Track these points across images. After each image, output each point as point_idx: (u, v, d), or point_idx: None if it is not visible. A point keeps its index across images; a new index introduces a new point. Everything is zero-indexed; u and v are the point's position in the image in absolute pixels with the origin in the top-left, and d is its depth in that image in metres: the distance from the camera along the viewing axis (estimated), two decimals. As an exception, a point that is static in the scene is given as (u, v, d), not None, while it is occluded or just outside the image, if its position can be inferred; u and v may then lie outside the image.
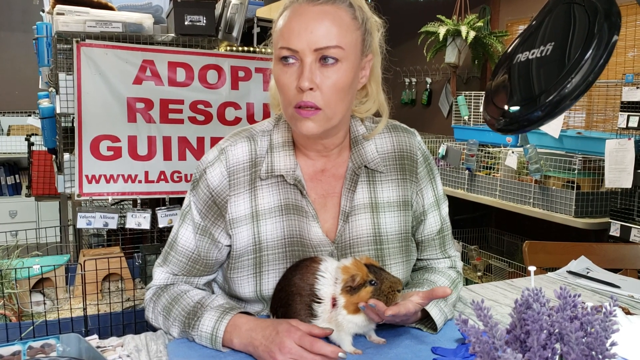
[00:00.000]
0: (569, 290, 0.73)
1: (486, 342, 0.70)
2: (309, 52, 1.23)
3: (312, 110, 1.25)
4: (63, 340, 1.15)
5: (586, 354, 0.67)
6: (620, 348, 1.23)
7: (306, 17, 1.24)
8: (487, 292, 1.77)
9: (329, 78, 1.25)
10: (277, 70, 1.29)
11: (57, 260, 2.73)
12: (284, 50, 1.25)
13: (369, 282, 1.23)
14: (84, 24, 2.80)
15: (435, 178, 1.51)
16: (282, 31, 1.27)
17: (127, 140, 2.92)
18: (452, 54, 5.11)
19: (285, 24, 1.27)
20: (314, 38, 1.23)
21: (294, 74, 1.25)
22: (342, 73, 1.26)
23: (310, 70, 1.23)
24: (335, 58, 1.24)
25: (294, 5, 1.28)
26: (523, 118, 0.96)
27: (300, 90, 1.24)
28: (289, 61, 1.26)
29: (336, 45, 1.24)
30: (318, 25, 1.23)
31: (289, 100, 1.27)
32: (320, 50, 1.23)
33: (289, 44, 1.24)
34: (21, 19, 6.59)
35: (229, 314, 1.27)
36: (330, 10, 1.25)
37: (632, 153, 3.10)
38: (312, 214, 1.38)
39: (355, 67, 1.30)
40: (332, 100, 1.26)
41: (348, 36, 1.26)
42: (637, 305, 1.67)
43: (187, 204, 1.43)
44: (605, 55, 0.88)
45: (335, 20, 1.25)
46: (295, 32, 1.24)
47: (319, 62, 1.25)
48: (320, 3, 1.26)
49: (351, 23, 1.28)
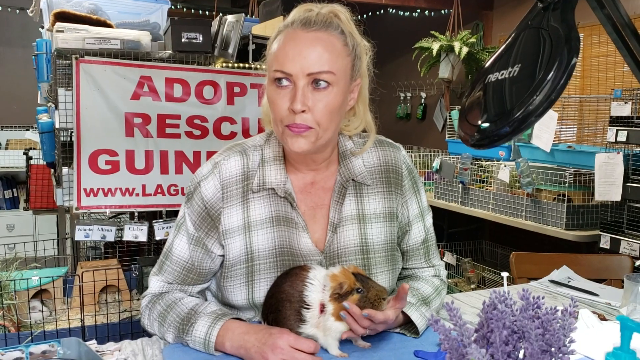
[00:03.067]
0: (531, 292, 0.80)
1: (455, 339, 0.76)
2: (302, 76, 1.30)
3: (303, 128, 1.31)
4: (63, 344, 1.21)
5: (545, 349, 0.73)
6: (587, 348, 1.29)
7: (300, 43, 1.31)
8: (471, 300, 1.83)
9: (321, 101, 1.31)
10: (271, 91, 1.35)
11: (55, 272, 2.77)
12: (278, 73, 1.32)
13: (355, 290, 1.30)
14: (83, 41, 2.86)
15: (419, 190, 1.57)
16: (277, 55, 1.33)
17: (124, 154, 2.97)
18: (445, 69, 5.20)
19: (280, 48, 1.33)
20: (307, 63, 1.29)
21: (287, 96, 1.31)
22: (333, 96, 1.32)
23: (303, 93, 1.30)
24: (327, 82, 1.31)
25: (289, 30, 1.35)
26: (493, 134, 1.03)
27: (293, 112, 1.30)
28: (283, 83, 1.32)
29: (328, 70, 1.30)
30: (311, 51, 1.30)
31: (281, 119, 1.33)
32: (313, 75, 1.30)
33: (283, 67, 1.30)
34: (20, 34, 6.67)
35: (222, 319, 1.33)
36: (323, 37, 1.32)
37: (621, 167, 3.16)
38: (302, 225, 1.44)
39: (345, 91, 1.37)
40: (322, 121, 1.33)
41: (339, 62, 1.33)
42: (613, 312, 1.73)
43: (182, 215, 1.49)
44: (566, 76, 0.95)
45: (328, 47, 1.32)
46: (290, 57, 1.30)
47: (311, 86, 1.31)
48: (313, 30, 1.32)
49: (342, 49, 1.35)
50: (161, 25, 3.39)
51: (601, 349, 1.19)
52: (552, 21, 1.05)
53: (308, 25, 1.33)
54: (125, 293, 2.84)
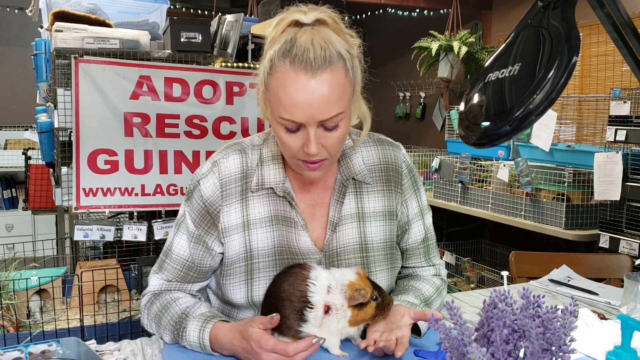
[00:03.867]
0: (531, 290, 0.79)
1: (455, 338, 0.76)
2: (313, 123, 1.26)
3: (319, 163, 1.32)
4: (63, 344, 1.20)
5: (545, 348, 0.73)
6: (588, 346, 1.29)
7: (306, 91, 1.24)
8: (471, 299, 1.83)
9: (333, 138, 1.30)
10: (280, 132, 1.31)
11: (54, 272, 2.77)
12: (287, 122, 1.27)
13: (372, 298, 1.30)
14: (82, 41, 2.86)
15: (419, 189, 1.57)
16: (282, 102, 1.26)
17: (124, 154, 2.97)
18: (444, 69, 5.20)
19: (284, 94, 1.26)
20: (317, 112, 1.25)
21: (298, 139, 1.29)
22: (343, 128, 1.31)
23: (316, 137, 1.27)
24: (338, 120, 1.29)
25: (289, 72, 1.25)
26: (493, 133, 1.03)
27: (306, 153, 1.29)
28: (293, 129, 1.29)
29: (338, 113, 1.27)
30: (319, 99, 1.24)
31: (294, 155, 1.32)
32: (324, 122, 1.27)
33: (293, 117, 1.26)
34: (19, 34, 6.67)
35: (210, 322, 1.35)
36: (327, 79, 1.25)
37: (620, 166, 3.16)
38: (301, 224, 1.44)
39: (351, 113, 1.35)
40: (335, 151, 1.33)
41: (346, 96, 1.29)
42: (613, 311, 1.73)
43: (182, 214, 1.49)
44: (566, 75, 0.95)
45: (334, 88, 1.25)
46: (298, 107, 1.25)
47: (322, 127, 1.28)
48: (318, 74, 1.24)
49: (345, 81, 1.29)
50: (160, 25, 3.38)
51: (601, 348, 1.19)
52: (552, 20, 1.05)
53: (310, 69, 1.23)
54: (125, 293, 2.84)
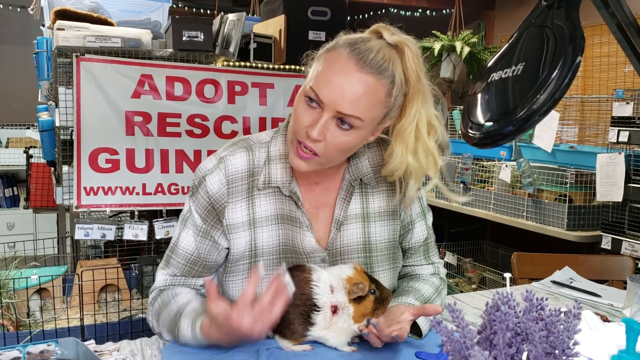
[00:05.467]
0: (534, 293, 0.78)
1: (457, 341, 0.75)
2: (332, 110, 1.26)
3: (310, 154, 1.30)
4: (61, 344, 1.20)
5: (549, 351, 0.72)
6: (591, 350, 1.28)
7: (346, 78, 1.25)
8: (473, 301, 1.82)
9: (338, 138, 1.29)
10: (299, 102, 1.32)
11: (54, 271, 2.77)
12: (312, 93, 1.28)
13: (370, 292, 1.30)
14: (83, 39, 2.85)
15: (420, 190, 1.56)
16: (321, 74, 1.28)
17: (125, 152, 2.97)
18: (447, 69, 5.19)
19: (327, 69, 1.27)
20: (343, 101, 1.25)
21: (311, 117, 1.29)
22: (351, 138, 1.31)
23: (325, 124, 1.27)
24: (352, 125, 1.28)
25: (344, 55, 1.27)
26: (497, 133, 1.02)
27: (307, 135, 1.29)
28: (313, 104, 1.29)
29: (358, 116, 1.27)
30: (353, 91, 1.25)
31: (296, 132, 1.32)
32: (342, 114, 1.27)
33: (319, 92, 1.26)
34: (21, 32, 6.66)
35: (199, 318, 1.33)
36: (370, 82, 1.26)
37: (623, 167, 3.15)
38: (306, 224, 1.43)
39: (366, 135, 1.34)
40: (331, 154, 1.32)
41: (373, 111, 1.29)
42: (615, 313, 1.72)
43: (187, 209, 1.47)
44: (570, 75, 0.94)
45: (370, 94, 1.26)
46: (331, 86, 1.26)
47: (336, 120, 1.28)
48: (365, 71, 1.25)
49: (383, 100, 1.29)
50: (162, 24, 3.38)
51: (605, 351, 1.18)
52: (557, 19, 1.04)
53: (363, 63, 1.25)
54: (125, 292, 2.83)
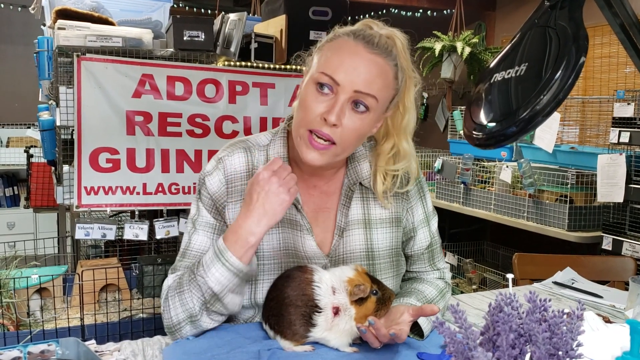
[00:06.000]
0: (538, 294, 0.78)
1: (460, 342, 0.75)
2: (349, 90, 1.27)
3: (326, 144, 1.29)
4: (62, 344, 1.19)
5: (552, 353, 0.72)
6: (593, 351, 1.28)
7: (359, 58, 1.28)
8: (474, 302, 1.81)
9: (354, 122, 1.29)
10: (309, 92, 1.31)
11: (55, 270, 2.77)
12: (325, 77, 1.28)
13: (371, 292, 1.29)
14: (84, 39, 2.85)
15: (425, 196, 1.56)
16: (331, 59, 1.29)
17: (125, 152, 2.96)
18: (448, 70, 5.18)
19: (336, 54, 1.30)
20: (359, 80, 1.27)
21: (324, 103, 1.28)
22: (367, 121, 1.31)
23: (341, 107, 1.27)
24: (367, 107, 1.29)
25: (349, 40, 1.31)
26: (500, 133, 1.02)
27: (324, 121, 1.28)
28: (324, 90, 1.29)
29: (374, 95, 1.28)
30: (367, 70, 1.28)
31: (309, 122, 1.30)
32: (359, 94, 1.27)
33: (334, 74, 1.27)
34: (22, 32, 6.65)
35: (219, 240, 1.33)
36: (380, 62, 1.29)
37: (624, 168, 3.14)
38: (306, 227, 1.43)
39: (377, 120, 1.35)
40: (348, 141, 1.31)
41: (385, 91, 1.31)
42: (617, 315, 1.72)
43: (195, 212, 1.46)
44: (574, 76, 0.94)
45: (382, 73, 1.30)
46: (345, 67, 1.27)
47: (351, 104, 1.29)
48: (375, 52, 1.29)
49: (392, 82, 1.33)
50: (163, 23, 3.38)
51: (607, 352, 1.18)
52: (560, 20, 1.04)
53: (371, 45, 1.30)
54: (126, 292, 2.83)
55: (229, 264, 1.28)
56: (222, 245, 1.30)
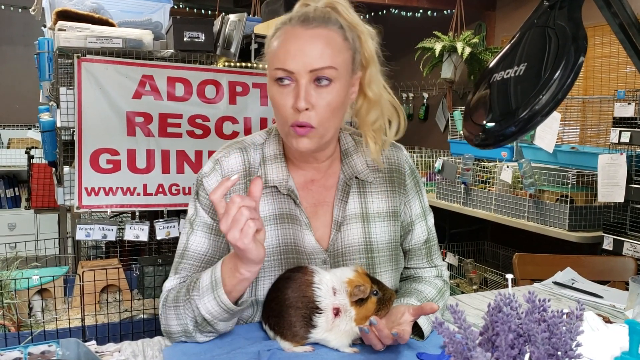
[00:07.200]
0: (537, 294, 0.78)
1: (459, 342, 0.75)
2: (305, 73, 1.28)
3: (307, 128, 1.30)
4: (62, 345, 1.20)
5: (551, 353, 0.72)
6: (593, 351, 1.28)
7: (301, 40, 1.30)
8: (474, 302, 1.82)
9: (324, 98, 1.30)
10: (273, 91, 1.33)
11: (56, 271, 2.77)
12: (279, 72, 1.30)
13: (372, 293, 1.29)
14: (85, 40, 2.86)
15: (421, 190, 1.57)
16: (278, 53, 1.31)
17: (126, 153, 2.97)
18: (448, 70, 5.18)
19: (281, 45, 1.31)
20: (309, 60, 1.28)
21: (290, 94, 1.30)
22: (336, 93, 1.31)
23: (306, 91, 1.29)
24: (329, 79, 1.30)
25: (287, 27, 1.33)
26: (499, 133, 1.02)
27: (297, 110, 1.29)
28: (285, 82, 1.30)
29: (330, 65, 1.29)
30: (313, 48, 1.29)
31: (285, 119, 1.32)
32: (315, 72, 1.28)
33: (285, 65, 1.29)
34: (22, 33, 6.66)
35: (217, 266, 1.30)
36: (323, 33, 1.31)
37: (624, 168, 3.14)
38: (305, 222, 1.43)
39: (347, 86, 1.35)
40: (325, 119, 1.32)
41: (340, 56, 1.32)
42: (618, 315, 1.72)
43: (193, 213, 1.46)
44: (573, 75, 0.94)
45: (329, 42, 1.30)
46: (291, 54, 1.29)
47: (313, 83, 1.30)
48: (313, 26, 1.31)
49: (343, 44, 1.33)
50: (163, 24, 3.38)
51: (607, 353, 1.18)
52: (559, 19, 1.04)
53: (307, 22, 1.31)
54: (126, 293, 2.83)
55: (219, 300, 1.28)
56: (219, 275, 1.28)
